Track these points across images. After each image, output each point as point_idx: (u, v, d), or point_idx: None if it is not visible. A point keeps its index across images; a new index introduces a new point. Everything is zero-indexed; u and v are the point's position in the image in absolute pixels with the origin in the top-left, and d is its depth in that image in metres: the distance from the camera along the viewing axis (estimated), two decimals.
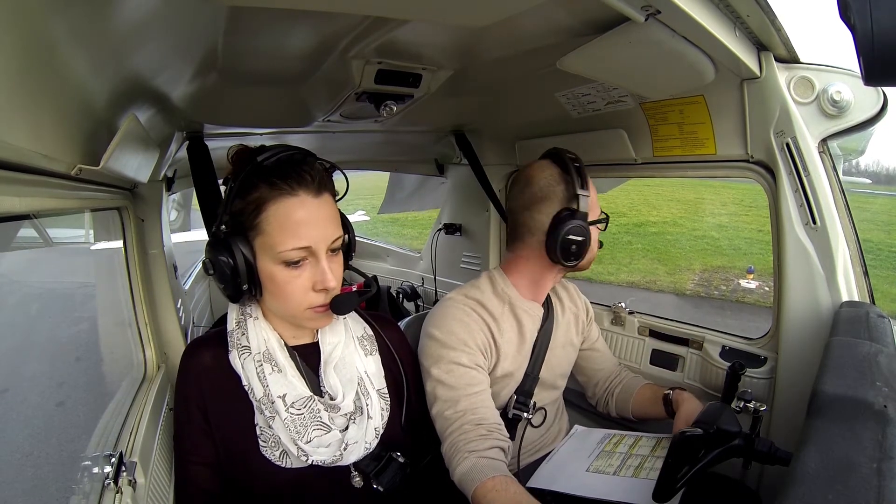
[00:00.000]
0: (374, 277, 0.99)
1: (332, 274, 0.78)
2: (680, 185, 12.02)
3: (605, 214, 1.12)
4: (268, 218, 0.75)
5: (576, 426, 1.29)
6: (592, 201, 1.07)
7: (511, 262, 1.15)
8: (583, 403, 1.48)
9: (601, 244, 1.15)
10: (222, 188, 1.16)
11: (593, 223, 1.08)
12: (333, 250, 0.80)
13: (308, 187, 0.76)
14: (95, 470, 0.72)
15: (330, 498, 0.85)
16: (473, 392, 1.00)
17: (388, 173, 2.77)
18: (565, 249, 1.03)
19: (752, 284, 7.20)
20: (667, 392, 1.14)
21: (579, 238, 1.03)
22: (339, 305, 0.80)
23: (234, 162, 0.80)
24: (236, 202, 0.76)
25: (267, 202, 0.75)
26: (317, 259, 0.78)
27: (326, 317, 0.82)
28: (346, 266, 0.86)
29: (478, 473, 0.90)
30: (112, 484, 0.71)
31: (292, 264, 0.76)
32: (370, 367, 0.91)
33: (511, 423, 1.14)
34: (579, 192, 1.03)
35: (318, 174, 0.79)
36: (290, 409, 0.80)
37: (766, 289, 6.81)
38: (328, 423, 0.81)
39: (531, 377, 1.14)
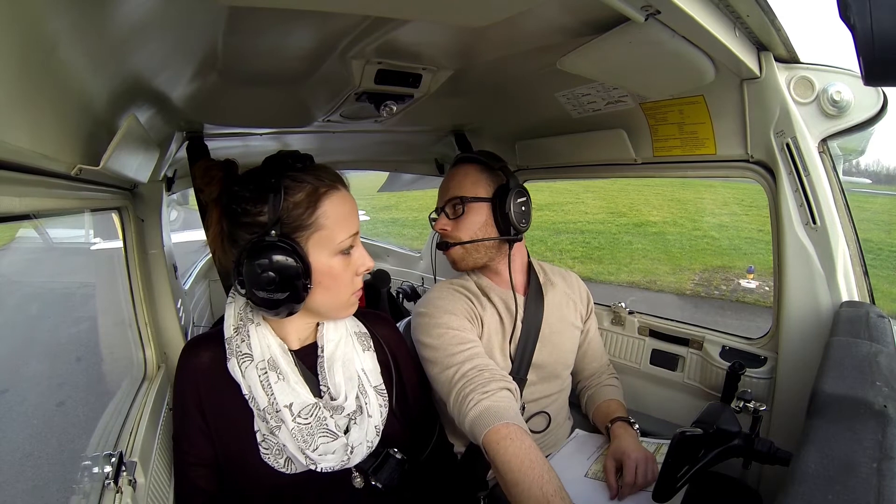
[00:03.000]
0: (383, 271, 1.00)
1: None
2: (680, 185, 12.02)
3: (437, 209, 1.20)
4: (326, 213, 0.78)
5: (577, 430, 1.28)
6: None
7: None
8: None
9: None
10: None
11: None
12: None
13: (341, 181, 0.84)
14: (95, 470, 0.72)
15: (331, 499, 0.85)
16: (467, 347, 1.03)
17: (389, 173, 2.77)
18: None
19: (753, 284, 7.20)
20: (607, 425, 1.16)
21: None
22: (382, 280, 0.84)
23: (262, 172, 0.79)
24: (281, 205, 0.76)
25: (321, 198, 0.78)
26: (357, 245, 0.83)
27: (357, 301, 0.87)
28: None
29: (490, 417, 0.89)
30: (112, 484, 0.71)
31: (346, 252, 0.81)
32: (367, 364, 0.91)
33: None
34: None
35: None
36: (298, 419, 0.79)
37: (767, 288, 6.81)
38: (334, 431, 0.81)
39: (517, 378, 1.13)
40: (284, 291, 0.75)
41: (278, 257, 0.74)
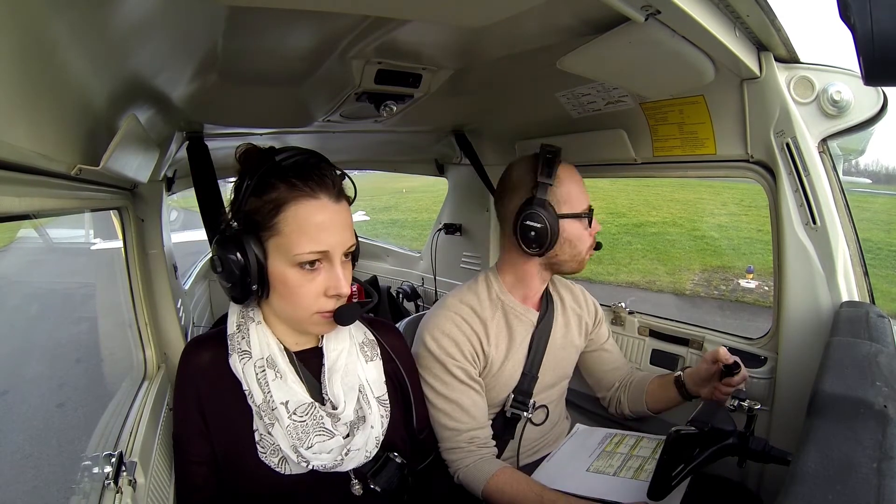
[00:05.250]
0: (375, 278, 1.00)
1: (345, 280, 0.78)
2: (680, 186, 12.02)
3: (588, 210, 1.10)
4: (286, 219, 0.75)
5: (577, 425, 1.29)
6: (569, 194, 1.08)
7: (500, 258, 1.20)
8: (584, 403, 1.48)
9: (599, 245, 1.15)
10: (223, 188, 1.16)
11: (565, 216, 1.07)
12: (346, 256, 0.80)
13: (329, 191, 0.77)
14: (95, 470, 0.72)
15: (329, 502, 0.85)
16: (467, 406, 1.07)
17: (388, 173, 2.77)
18: (525, 237, 1.06)
19: (752, 284, 7.20)
20: (677, 374, 1.15)
21: (537, 225, 1.04)
22: (342, 316, 0.79)
23: (245, 160, 0.79)
24: (250, 200, 0.76)
25: (287, 203, 0.75)
26: (331, 264, 0.78)
27: (331, 324, 0.81)
28: None
29: (481, 473, 1.02)
30: (112, 484, 0.71)
31: (307, 267, 0.76)
32: (371, 374, 0.89)
33: (510, 422, 1.14)
34: (541, 180, 1.05)
35: (338, 180, 0.80)
36: (293, 416, 0.79)
37: (766, 288, 6.81)
38: (331, 429, 0.80)
39: (529, 376, 1.14)
40: (229, 282, 0.77)
41: (225, 248, 0.75)
